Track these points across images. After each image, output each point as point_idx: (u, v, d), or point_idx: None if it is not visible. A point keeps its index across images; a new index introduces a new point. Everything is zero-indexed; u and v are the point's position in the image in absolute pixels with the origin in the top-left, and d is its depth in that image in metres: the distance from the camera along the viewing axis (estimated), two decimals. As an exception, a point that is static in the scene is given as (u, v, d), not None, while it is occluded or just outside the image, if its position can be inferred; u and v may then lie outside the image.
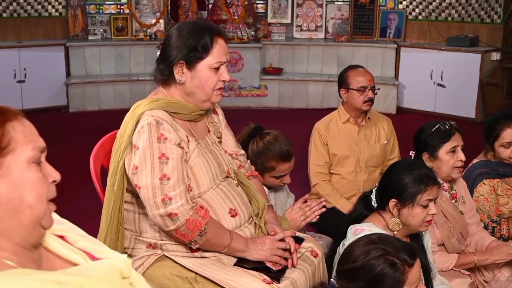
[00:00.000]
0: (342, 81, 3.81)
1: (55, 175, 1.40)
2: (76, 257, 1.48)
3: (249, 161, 2.86)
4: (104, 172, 2.66)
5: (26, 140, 1.34)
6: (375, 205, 2.62)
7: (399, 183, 2.53)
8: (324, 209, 2.91)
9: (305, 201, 2.93)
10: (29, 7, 7.79)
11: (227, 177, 2.56)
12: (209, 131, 2.63)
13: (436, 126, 3.08)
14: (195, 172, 2.41)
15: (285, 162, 3.08)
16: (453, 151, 3.05)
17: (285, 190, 3.36)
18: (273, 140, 3.07)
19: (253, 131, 3.12)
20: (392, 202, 2.54)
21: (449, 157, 3.05)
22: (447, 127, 3.07)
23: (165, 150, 2.31)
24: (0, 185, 1.31)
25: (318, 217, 2.89)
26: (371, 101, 3.75)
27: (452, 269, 2.96)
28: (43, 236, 1.42)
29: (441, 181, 3.04)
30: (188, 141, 2.42)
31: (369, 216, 2.63)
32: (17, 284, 1.24)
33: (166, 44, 2.48)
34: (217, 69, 2.46)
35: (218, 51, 2.45)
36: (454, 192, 3.17)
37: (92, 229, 1.86)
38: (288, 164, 3.10)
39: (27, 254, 1.37)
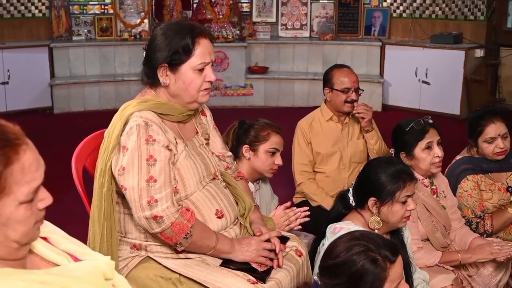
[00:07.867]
0: (327, 80, 3.81)
1: (47, 201, 1.39)
2: (59, 258, 1.48)
3: (235, 162, 2.86)
4: (86, 173, 2.64)
5: (24, 180, 1.32)
6: (353, 204, 2.63)
7: (377, 181, 2.54)
8: (307, 219, 2.94)
9: (288, 208, 2.94)
10: (12, 8, 7.72)
11: (214, 178, 2.55)
12: (197, 132, 2.61)
13: (410, 126, 3.10)
14: (182, 174, 2.39)
15: (277, 133, 3.16)
16: (428, 147, 3.07)
17: (270, 191, 3.38)
18: (260, 119, 3.24)
19: (239, 124, 3.21)
20: (371, 201, 2.55)
21: (425, 155, 3.07)
22: (420, 124, 3.09)
23: (153, 152, 2.29)
24: None
25: (300, 226, 2.93)
26: (352, 102, 3.73)
27: (436, 264, 2.98)
28: (28, 250, 1.42)
29: (421, 178, 3.07)
30: (177, 143, 2.40)
31: (348, 215, 2.64)
32: (1, 283, 1.24)
33: (150, 46, 2.44)
34: (201, 70, 2.41)
35: (201, 52, 2.39)
36: (434, 187, 3.19)
37: (78, 232, 1.85)
38: (280, 138, 3.17)
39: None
